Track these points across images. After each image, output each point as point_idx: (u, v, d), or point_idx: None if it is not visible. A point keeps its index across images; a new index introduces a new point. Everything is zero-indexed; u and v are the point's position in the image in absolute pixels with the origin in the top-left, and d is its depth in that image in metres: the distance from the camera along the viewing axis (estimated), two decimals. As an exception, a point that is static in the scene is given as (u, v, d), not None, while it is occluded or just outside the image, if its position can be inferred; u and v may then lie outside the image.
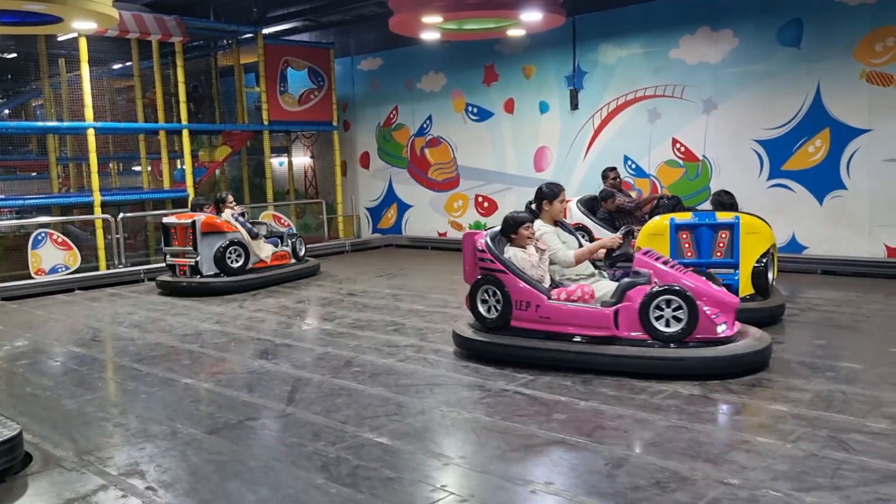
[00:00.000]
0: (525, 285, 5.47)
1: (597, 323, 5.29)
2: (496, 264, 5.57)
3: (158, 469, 3.86)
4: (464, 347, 5.85)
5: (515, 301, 5.50)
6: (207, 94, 14.17)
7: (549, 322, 5.43)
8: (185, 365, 6.09)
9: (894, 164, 8.85)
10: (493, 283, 5.58)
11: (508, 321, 5.56)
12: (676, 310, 5.11)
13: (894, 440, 3.88)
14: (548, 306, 5.41)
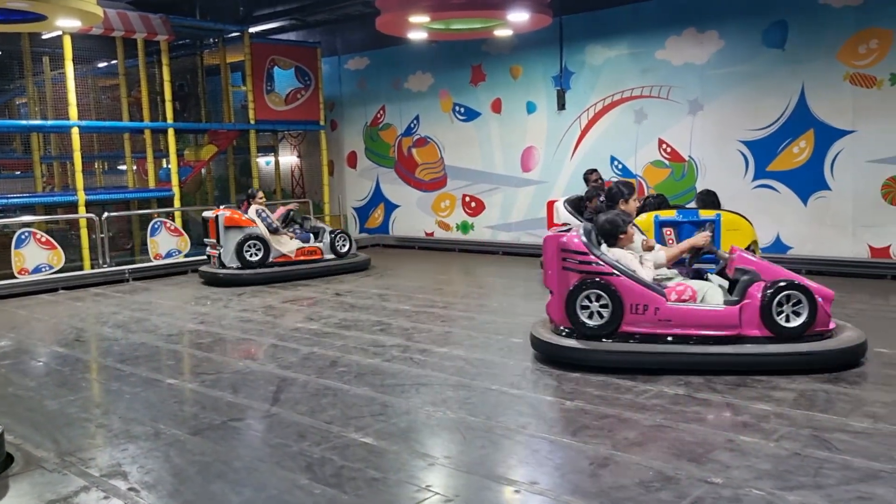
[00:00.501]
0: (642, 288, 5.25)
1: (722, 322, 5.17)
2: (604, 267, 5.28)
3: (141, 470, 3.83)
4: (560, 357, 5.44)
5: (630, 305, 5.24)
6: (193, 93, 14.10)
7: (669, 325, 5.23)
8: (169, 365, 6.05)
9: (877, 165, 8.92)
10: (599, 288, 5.26)
11: (618, 327, 5.29)
12: (795, 305, 5.10)
13: (876, 439, 3.91)
14: (668, 309, 5.22)
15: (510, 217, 12.51)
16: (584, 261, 5.33)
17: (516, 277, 9.98)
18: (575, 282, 5.36)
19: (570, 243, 5.41)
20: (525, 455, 3.92)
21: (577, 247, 5.37)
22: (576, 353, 5.36)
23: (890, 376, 5.01)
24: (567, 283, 5.40)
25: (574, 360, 5.37)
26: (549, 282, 5.61)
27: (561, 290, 5.46)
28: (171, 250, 11.38)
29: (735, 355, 5.12)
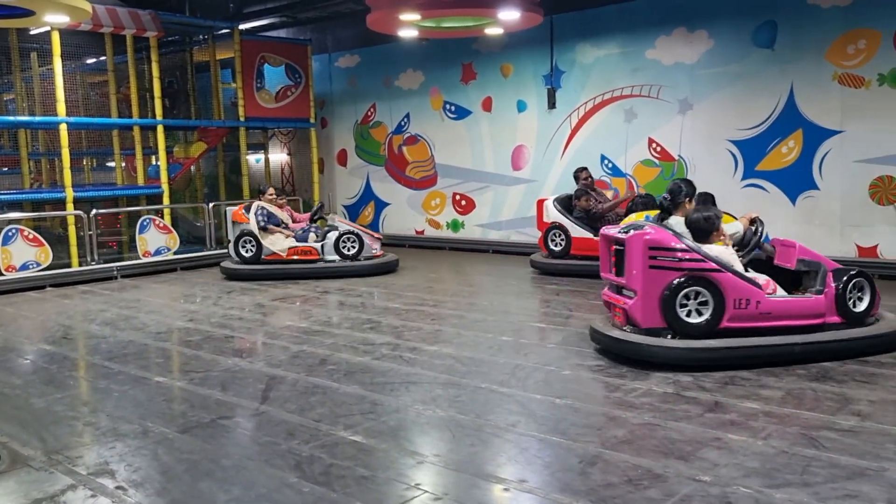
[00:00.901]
0: (744, 283, 5.28)
1: (813, 311, 5.45)
2: (707, 263, 5.23)
3: (129, 468, 3.82)
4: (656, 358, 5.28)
5: (734, 300, 5.23)
6: (183, 90, 14.02)
7: (769, 318, 5.32)
8: (157, 363, 6.03)
9: (865, 165, 8.97)
10: (702, 284, 5.21)
11: (719, 324, 5.26)
12: (860, 290, 5.54)
13: (863, 437, 3.94)
14: (768, 302, 5.32)
15: (500, 215, 12.51)
16: (687, 258, 5.24)
17: (506, 276, 9.99)
18: (674, 280, 5.23)
19: (666, 240, 5.31)
20: (514, 453, 3.92)
21: (675, 243, 5.29)
22: (673, 353, 5.22)
23: (876, 375, 5.05)
24: (659, 283, 5.27)
25: (671, 360, 5.23)
26: (633, 282, 5.43)
27: (649, 290, 5.31)
28: (160, 248, 11.34)
29: (823, 343, 5.36)
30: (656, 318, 5.32)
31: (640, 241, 5.34)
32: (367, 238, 10.40)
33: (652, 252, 5.30)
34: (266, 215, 10.22)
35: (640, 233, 5.40)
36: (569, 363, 5.56)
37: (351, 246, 10.29)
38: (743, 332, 5.31)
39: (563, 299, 8.13)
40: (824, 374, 5.06)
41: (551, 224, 9.84)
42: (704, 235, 5.47)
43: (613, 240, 5.73)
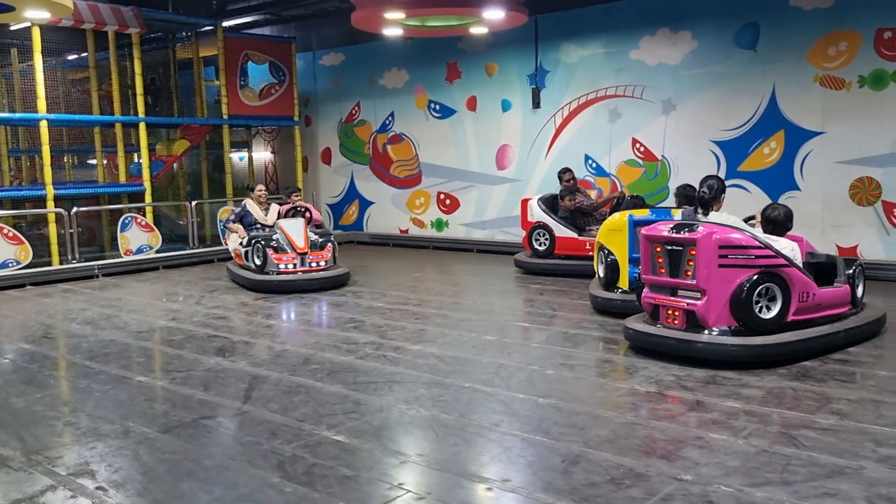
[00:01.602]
0: (805, 276, 5.51)
1: (844, 301, 5.85)
2: (779, 259, 5.34)
3: (109, 469, 3.78)
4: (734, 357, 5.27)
5: (799, 294, 5.42)
6: (165, 87, 13.91)
7: (820, 309, 5.62)
8: (139, 362, 5.98)
9: (846, 166, 9.06)
10: (773, 280, 5.30)
11: (786, 317, 5.40)
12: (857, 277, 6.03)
13: (842, 435, 3.98)
14: (820, 293, 5.60)
15: (485, 215, 12.53)
16: (760, 254, 5.29)
17: (491, 275, 10.01)
18: (748, 277, 5.26)
19: (737, 239, 5.32)
20: (497, 452, 3.93)
21: (747, 241, 5.33)
22: (752, 352, 5.23)
23: (855, 374, 5.10)
24: (731, 281, 5.29)
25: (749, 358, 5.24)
26: (703, 282, 5.36)
27: (721, 288, 5.30)
28: (142, 246, 11.25)
29: (854, 328, 5.76)
30: (726, 317, 5.34)
31: (710, 240, 5.31)
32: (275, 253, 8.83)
33: (723, 251, 5.29)
34: (239, 214, 9.85)
35: (708, 232, 5.35)
36: (553, 363, 5.58)
37: (256, 257, 9.03)
38: (798, 324, 5.50)
39: (548, 299, 8.15)
40: (805, 374, 5.11)
41: (535, 224, 9.87)
42: (782, 229, 5.75)
43: (665, 240, 5.60)
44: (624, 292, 7.13)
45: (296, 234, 9.00)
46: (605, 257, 7.40)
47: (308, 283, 8.76)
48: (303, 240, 8.97)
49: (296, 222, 9.20)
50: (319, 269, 8.96)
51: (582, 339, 6.29)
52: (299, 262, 8.86)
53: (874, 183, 8.89)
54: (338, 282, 9.02)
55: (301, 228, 9.09)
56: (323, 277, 8.91)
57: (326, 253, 9.10)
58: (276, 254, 8.84)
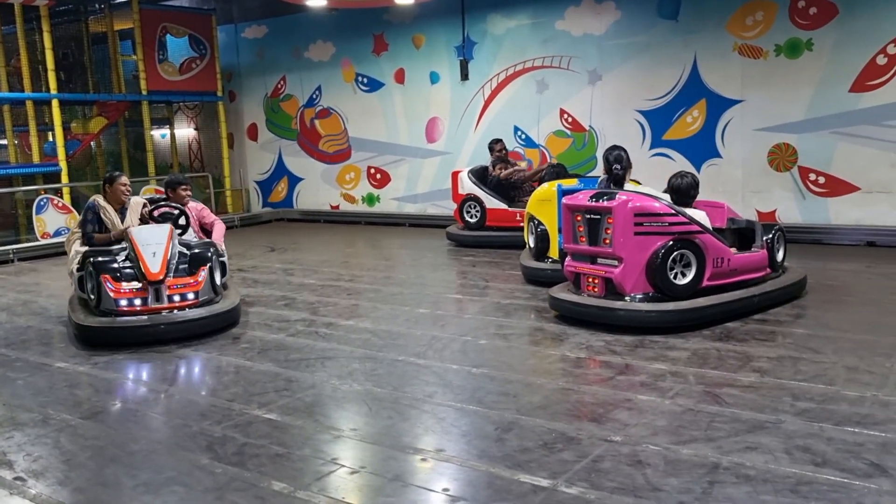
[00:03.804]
0: (719, 242, 5.58)
1: (761, 265, 5.94)
2: (692, 226, 5.44)
3: (28, 458, 3.63)
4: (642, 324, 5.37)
5: (713, 259, 5.51)
6: (79, 62, 13.32)
7: (735, 274, 5.72)
8: (59, 348, 5.75)
9: (764, 133, 9.35)
10: (687, 247, 5.39)
11: (701, 283, 5.50)
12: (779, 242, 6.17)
13: (762, 392, 4.13)
14: (735, 258, 5.71)
15: (416, 189, 12.47)
16: (674, 221, 5.38)
17: (423, 249, 9.99)
18: (663, 244, 5.34)
19: (652, 207, 5.40)
20: (431, 423, 3.93)
21: (661, 209, 5.40)
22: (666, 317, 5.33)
23: (775, 333, 5.29)
24: (647, 248, 5.36)
25: (664, 323, 5.33)
26: (619, 250, 5.44)
27: (637, 256, 5.38)
28: (60, 228, 10.80)
29: (770, 292, 5.86)
30: (643, 283, 5.43)
31: (626, 208, 5.38)
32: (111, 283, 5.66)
33: (638, 219, 5.37)
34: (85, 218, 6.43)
35: (624, 200, 5.42)
36: (485, 333, 5.61)
37: (91, 287, 5.81)
38: (715, 289, 5.59)
39: (480, 270, 8.19)
40: (727, 335, 5.27)
41: (466, 196, 9.87)
42: (687, 198, 5.78)
43: (584, 209, 5.65)
44: (554, 262, 7.21)
45: (150, 250, 5.75)
46: (535, 227, 7.47)
47: (162, 330, 5.58)
48: (159, 260, 5.69)
49: (157, 230, 6.01)
50: (185, 305, 5.77)
51: (514, 309, 6.34)
52: (151, 296, 5.66)
53: (790, 149, 9.20)
54: (216, 323, 5.81)
55: (163, 240, 5.85)
56: (188, 320, 5.66)
57: (197, 279, 5.86)
58: (118, 283, 5.65)
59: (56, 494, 3.25)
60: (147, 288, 5.65)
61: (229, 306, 5.99)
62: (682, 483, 3.11)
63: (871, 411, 3.79)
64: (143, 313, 5.64)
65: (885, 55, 8.50)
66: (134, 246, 5.80)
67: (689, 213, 5.52)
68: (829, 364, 4.56)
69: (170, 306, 5.72)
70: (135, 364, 5.18)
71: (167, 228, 6.05)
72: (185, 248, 6.09)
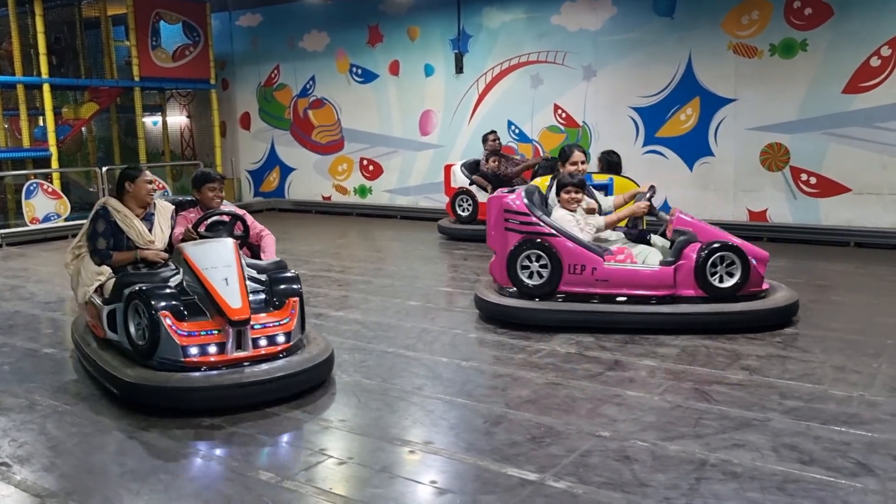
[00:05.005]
0: (580, 248, 5.36)
1: (657, 283, 5.27)
2: (543, 227, 5.39)
3: (14, 444, 3.61)
4: (497, 315, 5.54)
5: (568, 265, 5.35)
6: (71, 47, 13.20)
7: (606, 285, 5.33)
8: (47, 334, 5.73)
9: (757, 133, 9.36)
10: (539, 248, 5.37)
11: (557, 286, 5.39)
12: (729, 265, 5.23)
13: (750, 390, 4.14)
14: (605, 269, 5.32)
15: (408, 181, 12.44)
16: (526, 221, 5.41)
17: (414, 241, 9.97)
18: (516, 242, 5.42)
19: (513, 204, 5.47)
20: (420, 416, 3.93)
21: (519, 207, 5.44)
22: (519, 313, 5.43)
23: (763, 331, 5.30)
24: (508, 244, 5.47)
25: (517, 319, 5.43)
26: (492, 242, 5.65)
27: (503, 250, 5.51)
28: (50, 214, 10.72)
29: (669, 314, 5.24)
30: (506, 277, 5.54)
31: (497, 203, 5.57)
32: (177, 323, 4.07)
33: (505, 215, 5.51)
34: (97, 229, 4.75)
35: (498, 196, 5.61)
36: (476, 326, 5.61)
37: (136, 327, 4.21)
38: (589, 297, 5.37)
39: (471, 264, 8.18)
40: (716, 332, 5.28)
41: (459, 189, 9.86)
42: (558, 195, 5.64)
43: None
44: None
45: (217, 275, 4.21)
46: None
47: (253, 392, 4.03)
48: (236, 290, 4.14)
49: (218, 247, 4.44)
50: (275, 351, 4.22)
51: (504, 303, 6.33)
52: (232, 341, 4.08)
53: (783, 149, 9.22)
54: (316, 377, 4.32)
55: (230, 260, 4.33)
56: (286, 375, 4.11)
57: (288, 316, 4.34)
58: (182, 323, 4.06)
59: (41, 481, 3.23)
60: (226, 330, 4.05)
61: (325, 352, 4.42)
62: (669, 479, 3.12)
63: (858, 411, 3.81)
64: (221, 365, 4.04)
65: (879, 57, 8.53)
66: (195, 270, 4.22)
67: (551, 217, 5.48)
68: (818, 363, 4.59)
69: (254, 354, 4.12)
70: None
71: (231, 244, 4.45)
72: (253, 269, 4.56)
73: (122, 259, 4.66)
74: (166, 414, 3.91)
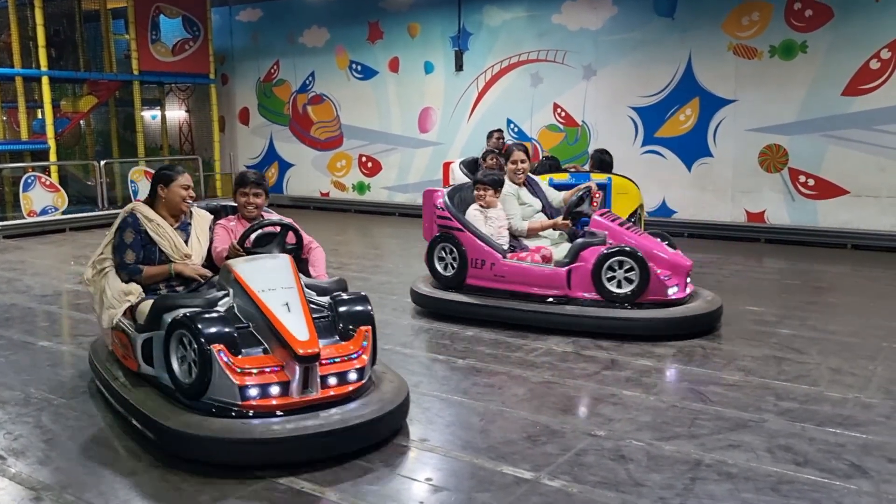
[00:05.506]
0: (481, 243, 5.50)
1: (550, 283, 5.30)
2: (454, 222, 5.61)
3: (9, 437, 3.61)
4: (421, 304, 5.88)
5: (471, 259, 5.55)
6: (70, 40, 13.18)
7: (503, 280, 5.45)
8: (42, 327, 5.72)
9: (755, 134, 9.37)
10: (450, 241, 5.62)
11: (464, 279, 5.59)
12: (629, 271, 5.14)
13: (746, 391, 4.15)
14: (502, 265, 5.44)
15: (407, 178, 12.44)
16: (442, 216, 5.71)
17: (412, 238, 9.96)
18: (434, 234, 5.77)
19: (433, 198, 5.76)
20: (416, 413, 3.92)
21: (438, 203, 5.72)
22: (435, 303, 5.74)
23: (760, 332, 5.31)
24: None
25: (435, 308, 5.75)
26: (425, 234, 5.95)
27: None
28: (47, 207, 10.71)
29: (561, 315, 5.27)
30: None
31: (428, 198, 5.86)
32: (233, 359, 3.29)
33: (436, 210, 5.78)
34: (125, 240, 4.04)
35: (430, 190, 5.90)
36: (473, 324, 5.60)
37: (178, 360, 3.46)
38: (494, 291, 5.51)
39: (468, 262, 8.17)
40: (715, 333, 5.29)
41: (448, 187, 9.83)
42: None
43: None
44: (543, 255, 7.21)
45: (280, 301, 3.48)
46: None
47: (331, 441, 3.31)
48: (300, 318, 3.41)
49: (273, 264, 3.74)
50: (345, 392, 3.46)
51: (501, 301, 6.33)
52: (298, 379, 3.33)
53: (781, 150, 9.23)
54: (395, 421, 3.58)
55: (290, 281, 3.61)
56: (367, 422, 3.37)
57: (359, 349, 3.58)
58: (238, 357, 3.33)
59: (36, 474, 3.23)
60: (291, 366, 3.30)
61: (402, 390, 3.69)
62: (664, 479, 3.12)
63: (853, 413, 3.82)
64: (284, 409, 3.30)
65: (879, 60, 8.54)
66: (251, 293, 3.48)
67: (465, 215, 5.63)
68: (813, 365, 4.59)
69: (324, 396, 3.37)
70: (119, 345, 5.14)
71: (287, 261, 3.77)
72: (312, 290, 3.83)
73: (154, 275, 3.97)
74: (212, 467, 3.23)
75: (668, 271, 5.28)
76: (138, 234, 3.99)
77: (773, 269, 7.83)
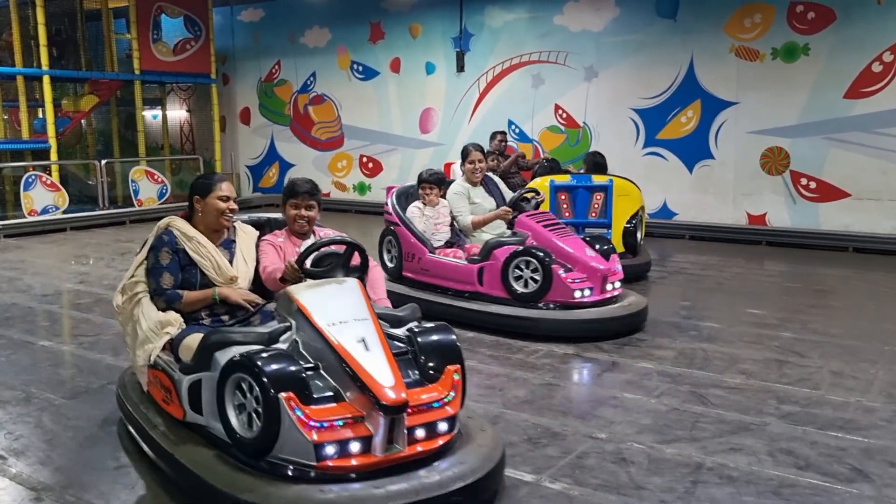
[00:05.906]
0: (413, 238, 5.76)
1: (463, 278, 5.54)
2: (394, 217, 5.92)
3: (9, 436, 3.60)
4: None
5: (405, 253, 5.85)
6: (72, 39, 13.18)
7: (428, 274, 5.73)
8: (43, 327, 5.71)
9: (757, 136, 9.36)
10: (392, 235, 5.96)
11: (401, 270, 5.91)
12: (534, 271, 5.22)
13: (747, 394, 4.14)
14: (427, 259, 5.72)
15: (408, 179, 12.41)
16: (386, 211, 6.00)
17: (413, 239, 9.95)
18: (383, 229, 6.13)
19: (386, 198, 6.07)
20: (417, 414, 3.91)
21: (387, 200, 6.01)
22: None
23: (761, 335, 5.31)
24: None
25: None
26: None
27: None
28: (48, 206, 10.70)
29: (472, 311, 5.41)
30: None
31: (389, 194, 6.12)
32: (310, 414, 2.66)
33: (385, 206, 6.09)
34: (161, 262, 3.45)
35: (389, 187, 6.25)
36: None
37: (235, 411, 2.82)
38: (424, 284, 5.74)
39: (469, 263, 8.16)
40: (714, 335, 5.29)
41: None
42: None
43: None
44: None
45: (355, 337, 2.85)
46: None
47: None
48: (383, 362, 2.78)
49: (341, 294, 3.11)
50: (434, 448, 2.84)
51: (502, 303, 6.32)
52: (382, 434, 2.69)
53: (783, 153, 9.22)
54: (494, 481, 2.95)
55: (364, 313, 3.00)
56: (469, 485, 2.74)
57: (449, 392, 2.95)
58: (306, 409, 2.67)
59: (37, 474, 3.22)
60: (375, 418, 2.70)
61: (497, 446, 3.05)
62: (665, 482, 3.12)
63: (854, 416, 3.81)
64: (365, 470, 2.70)
65: (881, 63, 8.53)
66: (320, 330, 2.88)
67: (407, 212, 5.85)
68: (815, 368, 4.59)
69: (411, 453, 2.76)
70: (119, 343, 5.14)
71: (357, 288, 3.16)
72: (385, 322, 3.20)
73: (195, 301, 3.40)
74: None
75: (582, 274, 5.28)
76: (175, 255, 3.41)
77: (774, 272, 7.82)
